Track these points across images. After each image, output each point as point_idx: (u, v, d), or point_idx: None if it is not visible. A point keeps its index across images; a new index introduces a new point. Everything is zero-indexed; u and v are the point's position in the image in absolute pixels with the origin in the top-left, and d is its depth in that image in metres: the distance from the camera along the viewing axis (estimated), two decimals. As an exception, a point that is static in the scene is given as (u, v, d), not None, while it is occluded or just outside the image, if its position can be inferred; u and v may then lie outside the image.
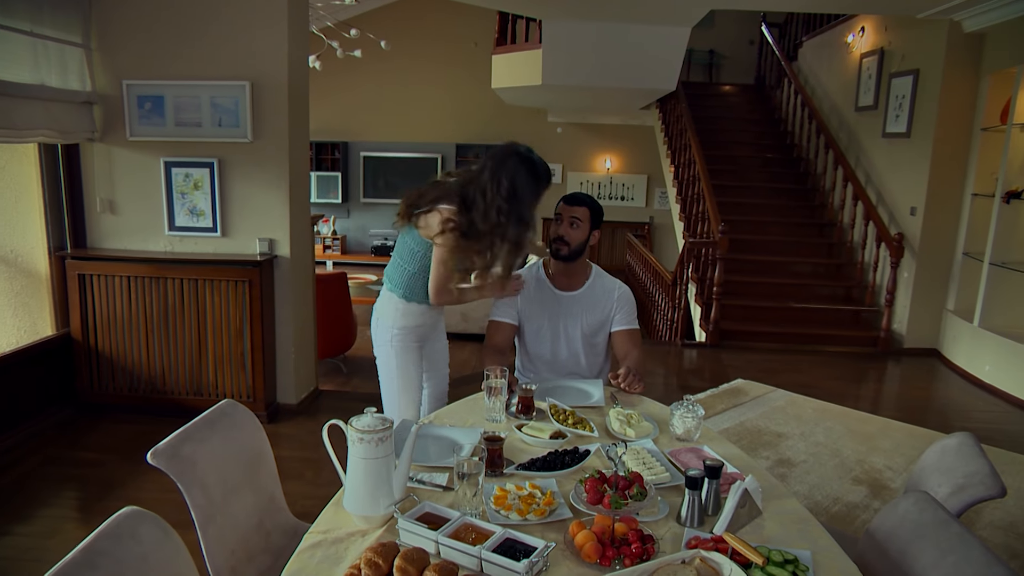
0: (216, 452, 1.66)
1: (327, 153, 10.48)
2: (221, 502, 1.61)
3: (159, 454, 1.54)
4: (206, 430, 1.68)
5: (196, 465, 1.58)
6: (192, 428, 1.66)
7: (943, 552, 1.33)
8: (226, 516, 1.62)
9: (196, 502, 1.54)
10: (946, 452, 1.80)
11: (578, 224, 2.37)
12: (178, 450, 1.57)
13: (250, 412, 1.84)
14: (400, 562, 1.21)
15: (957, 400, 4.71)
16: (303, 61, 3.94)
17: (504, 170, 2.15)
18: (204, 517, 1.54)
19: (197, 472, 1.58)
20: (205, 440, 1.65)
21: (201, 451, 1.62)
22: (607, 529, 1.35)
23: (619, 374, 2.19)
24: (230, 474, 1.68)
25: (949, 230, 5.51)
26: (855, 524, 2.88)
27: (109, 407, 3.78)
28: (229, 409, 1.80)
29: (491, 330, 2.47)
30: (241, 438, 1.76)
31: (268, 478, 1.83)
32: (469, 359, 5.28)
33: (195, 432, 1.65)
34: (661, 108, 8.40)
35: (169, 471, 1.53)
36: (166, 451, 1.55)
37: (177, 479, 1.53)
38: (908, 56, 5.83)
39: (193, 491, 1.54)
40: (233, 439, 1.74)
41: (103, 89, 3.69)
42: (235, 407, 1.81)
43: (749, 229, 6.62)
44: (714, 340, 5.75)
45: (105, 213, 3.82)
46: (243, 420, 1.80)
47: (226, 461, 1.68)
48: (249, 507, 1.72)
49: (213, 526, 1.56)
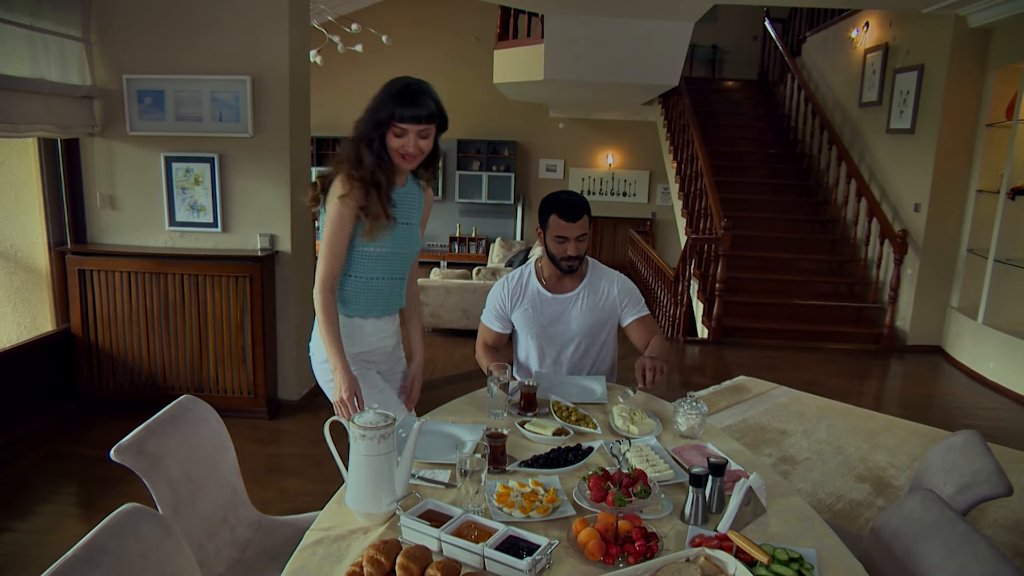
0: (179, 447, 1.66)
1: (328, 148, 10.44)
2: (187, 497, 1.61)
3: (123, 450, 1.53)
4: (168, 425, 1.68)
5: (161, 460, 1.58)
6: (155, 424, 1.65)
7: (950, 551, 1.32)
8: (192, 511, 1.62)
9: (163, 497, 1.54)
10: (952, 450, 1.79)
11: (584, 237, 2.25)
12: (143, 446, 1.57)
13: (210, 407, 1.84)
14: (403, 560, 1.20)
15: (961, 397, 4.69)
16: (304, 56, 3.92)
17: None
18: (171, 512, 1.54)
19: (162, 468, 1.57)
20: (168, 435, 1.65)
21: (165, 446, 1.62)
22: (611, 527, 1.33)
23: (642, 376, 2.07)
24: (194, 469, 1.67)
25: (953, 226, 5.48)
26: (858, 522, 2.87)
27: (110, 403, 3.78)
28: (190, 404, 1.79)
29: (482, 331, 2.44)
30: (203, 433, 1.75)
31: (230, 472, 1.83)
32: (471, 356, 5.27)
33: (158, 428, 1.65)
34: (664, 104, 8.37)
35: (134, 467, 1.53)
36: (130, 447, 1.55)
37: (143, 475, 1.53)
38: (913, 51, 5.79)
39: (159, 486, 1.54)
40: (195, 434, 1.73)
41: (103, 83, 3.67)
42: (196, 402, 1.80)
43: (752, 225, 6.60)
44: (716, 337, 5.73)
45: (105, 208, 3.81)
46: (204, 415, 1.80)
47: (190, 456, 1.67)
48: (214, 501, 1.72)
49: (180, 521, 1.56)
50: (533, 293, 2.36)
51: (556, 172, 10.55)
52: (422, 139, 1.82)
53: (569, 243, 2.22)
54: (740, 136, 7.95)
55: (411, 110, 1.78)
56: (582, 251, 2.25)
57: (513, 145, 10.33)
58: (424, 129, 1.81)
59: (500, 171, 10.33)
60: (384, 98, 1.81)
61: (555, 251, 2.26)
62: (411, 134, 1.80)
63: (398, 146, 1.82)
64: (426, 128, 1.81)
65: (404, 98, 1.79)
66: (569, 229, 2.20)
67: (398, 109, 1.78)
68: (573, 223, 2.20)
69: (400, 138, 1.81)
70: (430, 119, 1.81)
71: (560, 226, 2.21)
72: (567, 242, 2.22)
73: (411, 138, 1.81)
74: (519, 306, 2.36)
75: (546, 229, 2.26)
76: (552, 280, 2.36)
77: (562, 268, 2.28)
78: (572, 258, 2.24)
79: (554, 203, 2.24)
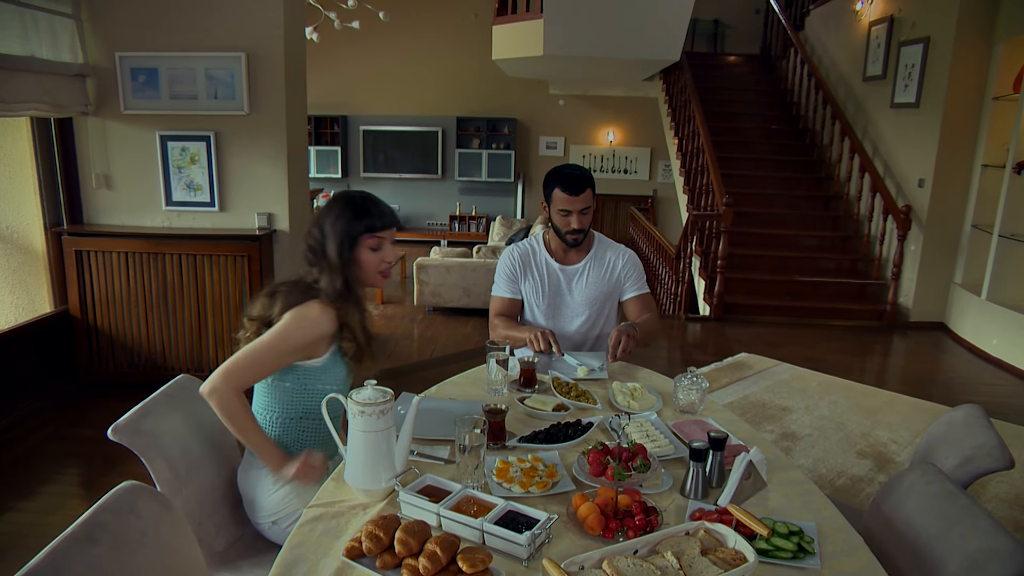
0: (177, 426, 1.66)
1: (326, 127, 10.36)
2: (186, 475, 1.61)
3: (120, 430, 1.54)
4: (165, 405, 1.68)
5: (158, 439, 1.58)
6: (151, 403, 1.66)
7: (949, 523, 1.31)
8: (192, 489, 1.62)
9: (161, 476, 1.55)
10: (953, 424, 1.78)
11: (588, 210, 2.25)
12: (139, 425, 1.57)
13: None
14: (401, 535, 1.19)
15: (963, 374, 4.69)
16: (300, 32, 3.86)
17: (320, 219, 1.71)
18: (171, 491, 1.55)
19: (159, 446, 1.57)
20: (165, 415, 1.65)
21: (162, 425, 1.62)
22: (610, 501, 1.33)
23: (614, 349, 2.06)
24: (192, 447, 1.67)
25: (958, 202, 5.43)
26: (859, 497, 2.87)
27: (109, 384, 3.78)
28: (187, 383, 1.79)
29: (495, 303, 2.42)
30: (201, 412, 1.74)
31: (230, 450, 1.83)
32: (472, 334, 5.26)
33: (154, 407, 1.65)
34: (665, 79, 8.27)
35: (132, 446, 1.53)
36: (127, 427, 1.55)
37: (141, 454, 1.53)
38: (918, 24, 5.69)
39: (157, 464, 1.55)
40: (193, 413, 1.73)
41: (95, 61, 3.62)
42: (193, 381, 1.79)
43: (754, 202, 6.55)
44: (718, 314, 5.72)
45: (101, 188, 3.78)
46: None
47: (188, 434, 1.68)
48: (214, 479, 1.72)
49: (179, 499, 1.57)
50: (541, 262, 2.38)
51: (556, 149, 10.45)
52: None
53: (573, 216, 2.24)
54: (742, 112, 7.86)
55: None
56: (586, 224, 2.27)
57: (513, 123, 10.23)
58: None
59: (500, 149, 10.24)
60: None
61: (559, 224, 2.28)
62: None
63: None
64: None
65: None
66: (572, 202, 2.22)
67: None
68: (576, 196, 2.22)
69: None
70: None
71: (564, 199, 2.22)
72: (571, 215, 2.24)
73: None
74: (529, 273, 2.37)
75: (550, 202, 2.28)
76: (559, 253, 2.39)
77: (567, 241, 2.30)
78: (576, 231, 2.26)
79: (558, 176, 2.25)
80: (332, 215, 1.68)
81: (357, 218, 1.67)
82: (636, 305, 2.38)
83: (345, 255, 1.67)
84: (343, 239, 1.66)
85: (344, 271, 1.67)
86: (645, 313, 2.35)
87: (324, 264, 1.68)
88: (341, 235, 1.66)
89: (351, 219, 1.67)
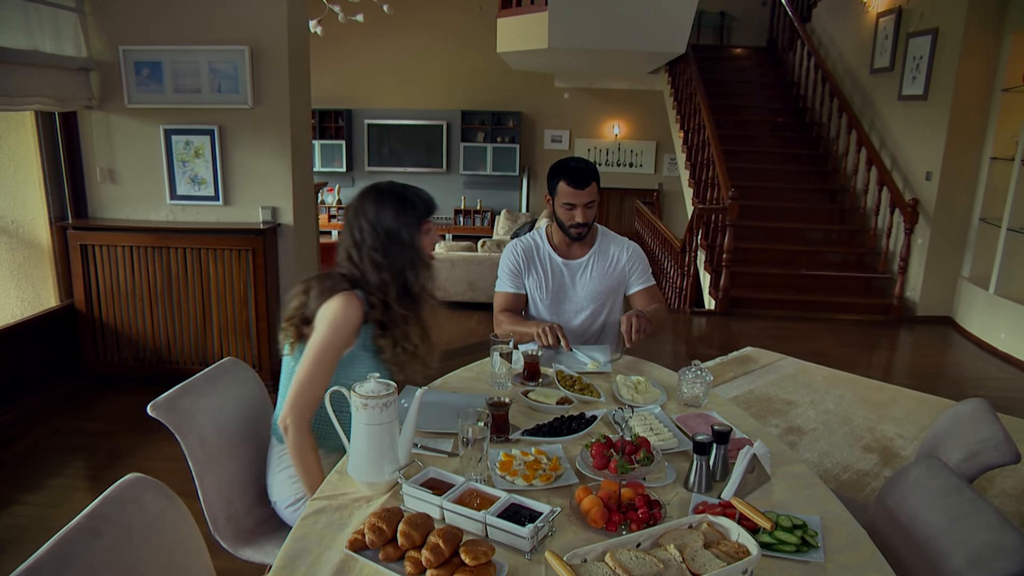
0: (215, 406, 1.71)
1: (331, 121, 10.34)
2: (218, 454, 1.67)
3: (158, 406, 1.60)
4: (206, 385, 1.74)
5: (194, 418, 1.64)
6: (192, 383, 1.72)
7: (954, 517, 1.30)
8: (224, 467, 1.68)
9: (193, 453, 1.61)
10: (959, 418, 1.76)
11: (592, 204, 2.23)
12: (176, 403, 1.64)
13: (252, 370, 1.89)
14: (404, 527, 1.19)
15: (971, 368, 4.66)
16: (303, 25, 3.85)
17: (363, 214, 1.67)
18: (201, 467, 1.62)
19: (195, 424, 1.64)
20: (205, 395, 1.71)
21: (200, 405, 1.68)
22: (613, 494, 1.32)
23: (628, 330, 2.05)
24: (228, 428, 1.73)
25: (965, 195, 5.39)
26: (865, 492, 2.86)
27: (114, 377, 3.79)
28: (231, 366, 1.85)
29: (499, 299, 2.40)
30: (241, 394, 1.81)
31: (265, 433, 1.86)
32: (476, 328, 5.26)
33: (195, 387, 1.71)
34: (670, 72, 8.22)
35: (167, 422, 1.59)
36: (165, 404, 1.62)
37: (175, 430, 1.60)
38: (927, 15, 5.64)
39: (191, 441, 1.61)
40: (233, 395, 1.79)
41: (99, 55, 3.62)
42: (237, 364, 1.86)
43: (760, 195, 6.51)
44: (724, 308, 5.70)
45: (105, 182, 3.78)
46: (245, 377, 1.86)
47: (225, 415, 1.73)
48: (248, 460, 1.78)
49: (210, 476, 1.63)
50: (544, 256, 2.37)
51: (561, 143, 10.42)
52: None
53: (577, 210, 2.22)
54: (748, 104, 7.82)
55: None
56: (590, 218, 2.25)
57: (518, 116, 10.19)
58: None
59: (505, 142, 10.21)
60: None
61: (563, 218, 2.26)
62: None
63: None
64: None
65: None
66: (577, 196, 2.20)
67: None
68: (581, 190, 2.20)
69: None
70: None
71: (568, 193, 2.21)
72: (575, 209, 2.22)
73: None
74: (532, 268, 2.36)
75: (554, 196, 2.26)
76: (562, 247, 2.37)
77: (571, 235, 2.29)
78: (580, 225, 2.24)
79: (562, 170, 2.23)
80: (380, 209, 1.66)
81: (412, 207, 1.68)
82: (643, 297, 2.35)
83: (408, 245, 1.66)
84: (400, 229, 1.66)
85: (399, 264, 1.66)
86: (653, 304, 2.33)
87: (377, 260, 1.65)
88: (398, 226, 1.66)
89: (402, 211, 1.67)
